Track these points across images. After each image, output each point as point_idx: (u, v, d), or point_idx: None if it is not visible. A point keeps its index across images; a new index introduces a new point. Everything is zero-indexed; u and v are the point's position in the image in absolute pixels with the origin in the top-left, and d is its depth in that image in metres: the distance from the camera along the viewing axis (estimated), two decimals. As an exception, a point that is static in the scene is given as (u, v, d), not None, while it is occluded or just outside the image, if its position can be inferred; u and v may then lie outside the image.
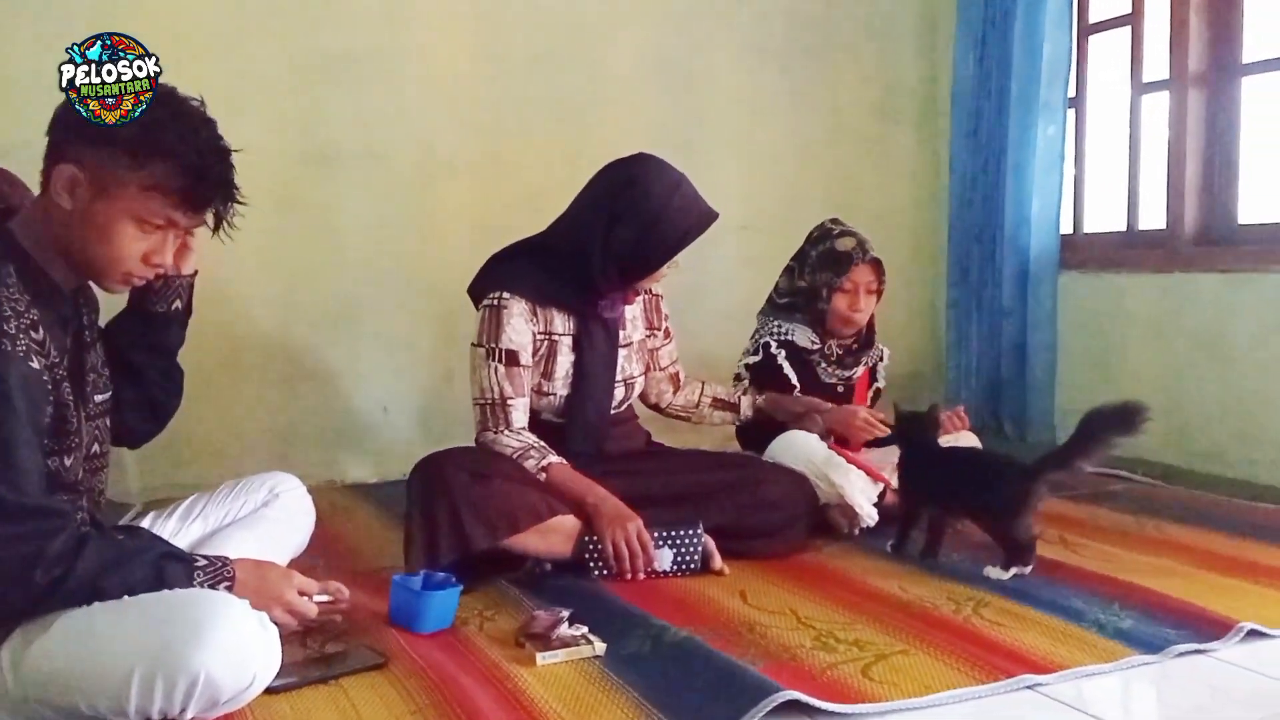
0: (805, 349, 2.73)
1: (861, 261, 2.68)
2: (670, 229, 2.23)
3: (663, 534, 2.18)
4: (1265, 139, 3.11)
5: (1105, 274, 3.42)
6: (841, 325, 2.71)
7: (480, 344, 2.27)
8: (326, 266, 3.21)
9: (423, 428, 3.25)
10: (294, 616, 1.63)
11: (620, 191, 2.24)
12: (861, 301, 2.69)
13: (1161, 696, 1.63)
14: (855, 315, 2.69)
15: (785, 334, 2.75)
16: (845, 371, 2.76)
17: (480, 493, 2.06)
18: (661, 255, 2.25)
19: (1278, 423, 2.92)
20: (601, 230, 2.23)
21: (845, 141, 3.89)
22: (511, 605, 2.00)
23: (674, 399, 2.66)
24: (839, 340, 2.75)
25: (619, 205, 2.23)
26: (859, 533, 2.50)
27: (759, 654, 1.73)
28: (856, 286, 2.68)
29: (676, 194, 2.24)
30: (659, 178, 2.25)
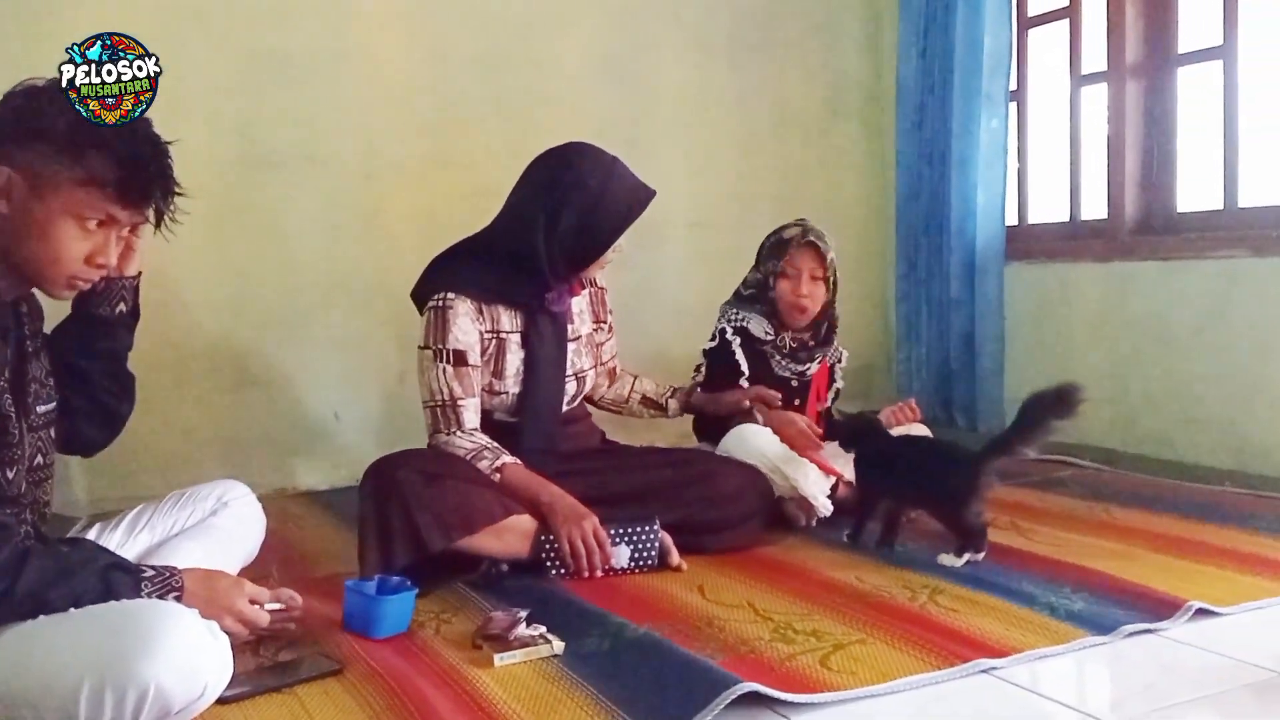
0: (759, 339, 2.75)
1: (799, 245, 2.70)
2: (612, 210, 2.25)
3: (619, 531, 2.18)
4: (1201, 128, 3.18)
5: (1050, 264, 3.47)
6: (792, 311, 2.73)
7: (427, 346, 2.25)
8: (272, 270, 3.17)
9: (375, 432, 3.22)
10: (245, 625, 1.61)
11: (558, 181, 2.24)
12: (804, 286, 2.70)
13: (1113, 676, 1.66)
14: (801, 300, 2.70)
15: (741, 321, 2.77)
16: (799, 366, 2.78)
17: (434, 494, 2.05)
18: (606, 238, 2.26)
19: (1220, 406, 2.98)
20: (544, 222, 2.23)
21: (792, 137, 3.92)
22: (468, 607, 1.99)
23: (605, 392, 2.68)
24: (793, 333, 2.76)
25: (558, 195, 2.23)
26: (815, 525, 2.52)
27: (718, 648, 1.73)
28: (799, 271, 2.70)
29: (614, 176, 2.26)
30: (594, 162, 2.27)
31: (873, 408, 3.01)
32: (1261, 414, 2.88)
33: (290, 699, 1.59)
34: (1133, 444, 3.21)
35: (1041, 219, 3.65)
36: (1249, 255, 2.89)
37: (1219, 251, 2.97)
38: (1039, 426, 2.12)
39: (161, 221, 1.56)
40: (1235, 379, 2.94)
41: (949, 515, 2.21)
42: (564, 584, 2.11)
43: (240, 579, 1.66)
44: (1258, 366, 2.89)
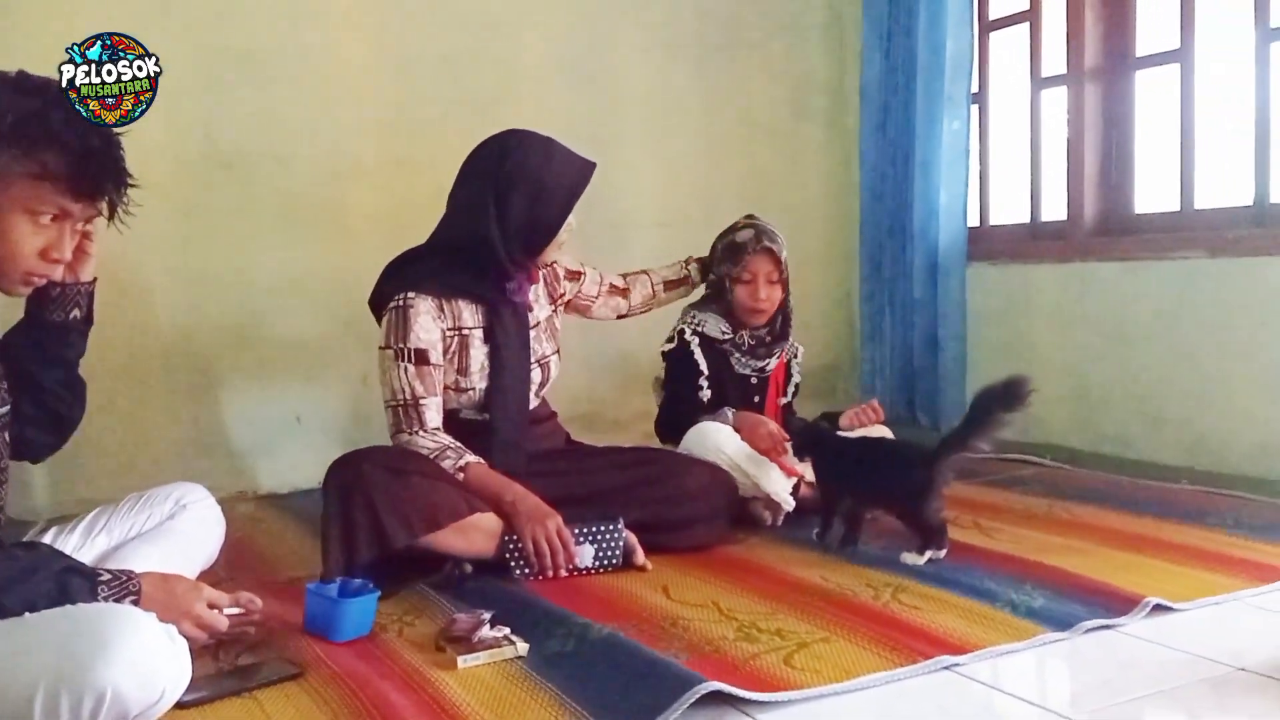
0: (716, 339, 2.76)
1: (755, 251, 2.71)
2: (557, 187, 2.26)
3: (583, 530, 2.18)
4: (1158, 131, 3.23)
5: (1011, 265, 3.51)
6: (748, 315, 2.75)
7: (388, 346, 2.25)
8: (233, 271, 3.14)
9: (338, 434, 3.20)
10: (204, 629, 1.59)
11: (498, 167, 2.25)
12: (762, 290, 2.72)
13: (1072, 672, 1.69)
14: (759, 305, 2.72)
15: (698, 325, 2.78)
16: (759, 362, 2.79)
17: (399, 489, 2.04)
18: (556, 217, 2.28)
19: (1178, 404, 3.03)
20: (492, 210, 2.24)
21: (757, 138, 3.94)
22: (431, 609, 1.98)
23: (633, 302, 2.76)
24: (751, 330, 2.78)
25: (501, 181, 2.24)
26: (780, 524, 2.53)
27: (682, 647, 1.74)
28: (755, 276, 2.72)
29: (553, 154, 2.28)
30: (532, 144, 2.28)
31: (837, 407, 3.04)
32: (1217, 412, 2.93)
33: (250, 703, 1.57)
34: (1092, 442, 3.25)
35: (1003, 220, 3.69)
36: (1205, 256, 2.94)
37: (1176, 252, 3.02)
38: (990, 421, 2.15)
39: (115, 213, 1.55)
40: (1191, 378, 2.99)
41: (908, 513, 2.23)
42: (528, 585, 2.11)
43: (199, 583, 1.65)
44: (1213, 366, 2.94)
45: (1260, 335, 2.82)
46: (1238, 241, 2.87)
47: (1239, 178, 2.96)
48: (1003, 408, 2.13)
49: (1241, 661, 1.64)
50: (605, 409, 3.55)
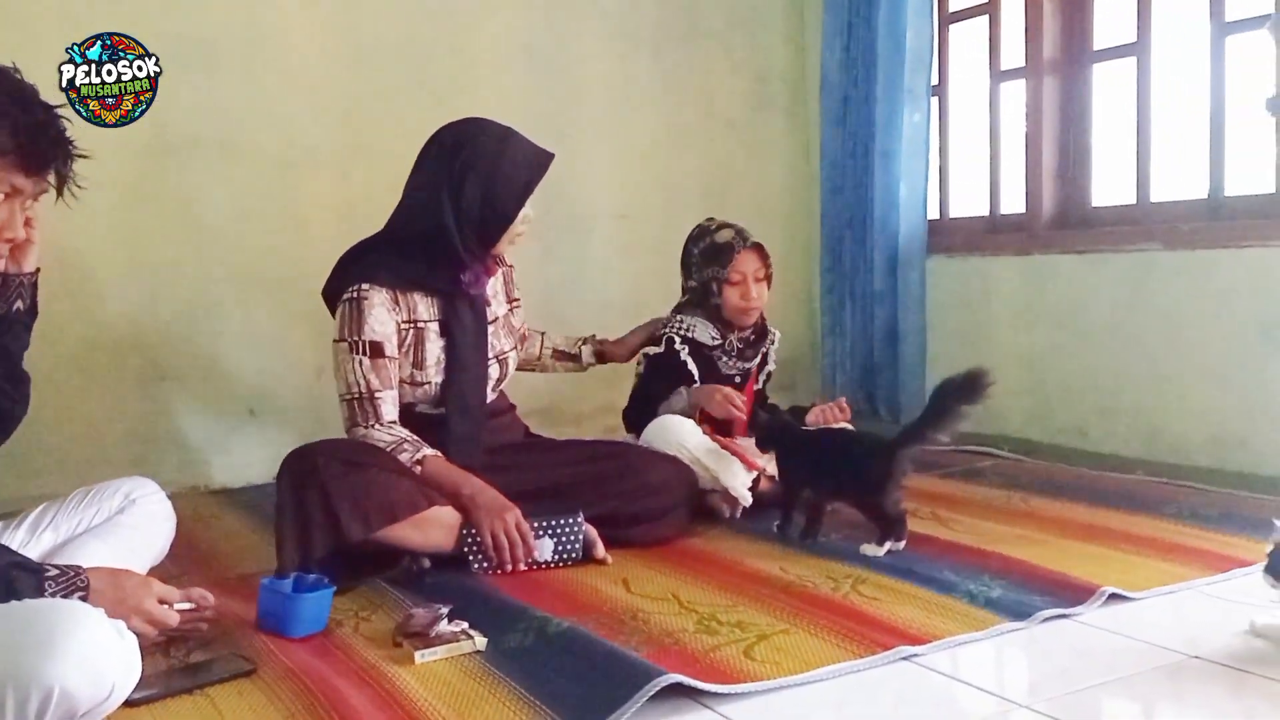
0: (706, 345, 2.76)
1: (743, 249, 2.72)
2: (513, 176, 2.25)
3: (543, 524, 2.17)
4: (1115, 124, 3.27)
5: (971, 257, 3.55)
6: (739, 316, 2.75)
7: (342, 338, 2.23)
8: (184, 261, 3.10)
9: (292, 428, 3.16)
10: (154, 625, 1.58)
11: (453, 157, 2.24)
12: (753, 290, 2.72)
13: (1030, 661, 1.71)
14: (750, 304, 2.72)
15: (687, 330, 2.77)
16: (745, 364, 2.81)
17: (355, 482, 2.03)
18: (512, 207, 2.26)
19: (1133, 396, 3.08)
20: (448, 200, 2.22)
21: (718, 129, 3.94)
22: (388, 604, 1.97)
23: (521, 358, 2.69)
24: (740, 333, 2.78)
25: (456, 170, 2.23)
26: (740, 517, 2.54)
27: (642, 640, 1.74)
28: (744, 276, 2.72)
29: (510, 143, 2.27)
30: (488, 133, 2.28)
31: (799, 402, 3.06)
32: (1172, 404, 2.98)
33: (202, 701, 1.56)
34: (1049, 434, 3.29)
35: (962, 213, 3.72)
36: (1161, 249, 2.98)
37: (1132, 245, 3.06)
38: (949, 412, 2.16)
39: (64, 188, 1.53)
40: (1147, 370, 3.04)
41: (868, 505, 2.25)
42: (486, 579, 2.10)
43: (148, 578, 1.63)
44: (1169, 358, 2.98)
45: (1213, 328, 2.87)
46: (1193, 234, 2.92)
47: (1194, 171, 3.01)
48: (962, 400, 2.15)
49: (1196, 650, 1.66)
50: (565, 402, 3.54)
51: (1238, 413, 2.83)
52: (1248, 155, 2.90)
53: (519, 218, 2.29)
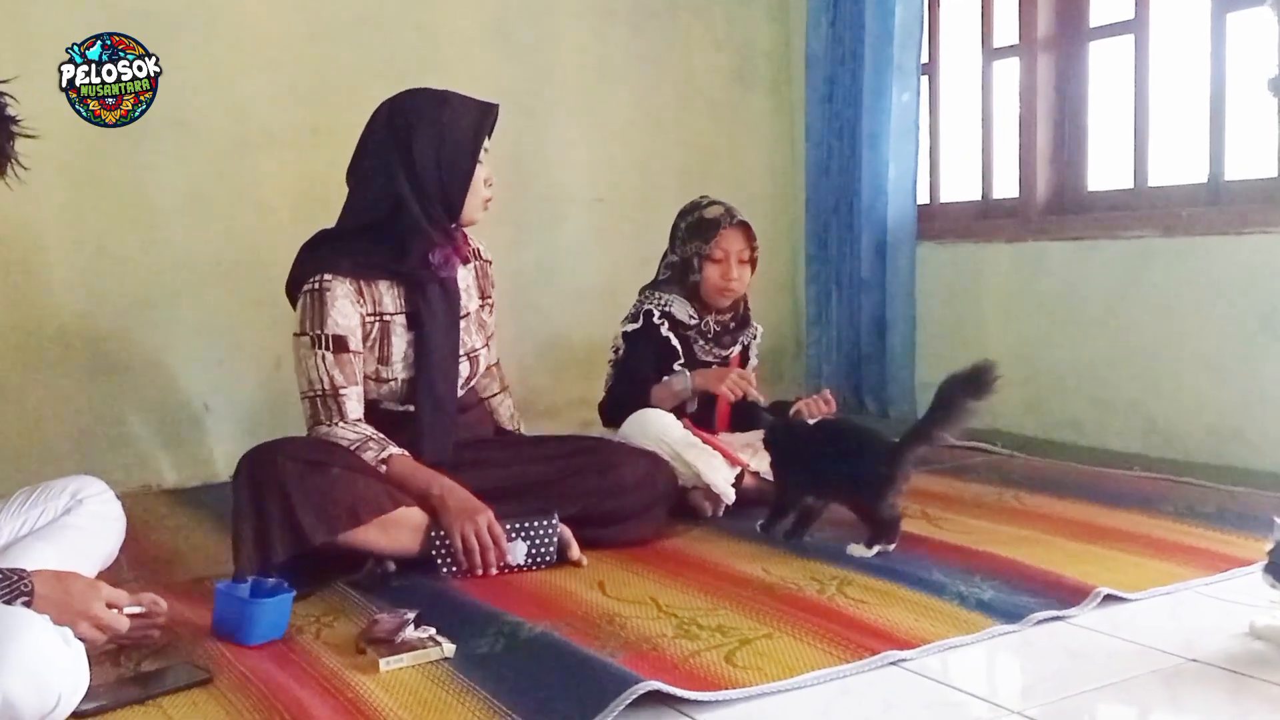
0: (684, 323, 2.77)
1: (729, 226, 2.73)
2: (462, 131, 2.25)
3: (515, 525, 2.17)
4: (1112, 104, 3.29)
5: (962, 244, 3.56)
6: (717, 296, 2.76)
7: (304, 332, 2.21)
8: (135, 246, 3.07)
9: (249, 424, 3.15)
10: (103, 631, 1.57)
11: (394, 128, 2.24)
12: (734, 270, 2.73)
13: (1023, 664, 1.72)
14: (730, 284, 2.74)
15: (665, 305, 2.78)
16: (723, 350, 2.81)
17: (316, 483, 2.02)
18: (467, 158, 2.26)
19: (1129, 389, 3.10)
20: (402, 174, 2.22)
21: (698, 109, 3.94)
22: (351, 610, 1.96)
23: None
24: (717, 315, 2.78)
25: (401, 141, 2.22)
26: (722, 515, 2.55)
27: (619, 646, 1.74)
28: (727, 255, 2.73)
29: (450, 99, 2.28)
30: (425, 95, 2.29)
31: (783, 394, 3.06)
32: (1169, 397, 3.01)
33: (154, 711, 1.55)
34: (1043, 428, 3.32)
35: (953, 198, 3.74)
36: (1158, 235, 3.01)
37: (1129, 231, 3.08)
38: (955, 410, 2.16)
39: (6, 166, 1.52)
40: (1144, 362, 3.06)
41: (864, 507, 2.25)
42: (455, 583, 2.10)
43: (97, 582, 1.62)
44: (1166, 349, 3.01)
45: (1212, 317, 2.90)
46: (1191, 220, 2.94)
47: (1193, 154, 3.03)
48: (969, 395, 2.14)
49: (1193, 652, 1.68)
50: (537, 396, 3.53)
51: (1237, 405, 2.86)
52: (1249, 138, 2.93)
53: (480, 177, 2.29)
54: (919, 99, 3.58)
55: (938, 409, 2.19)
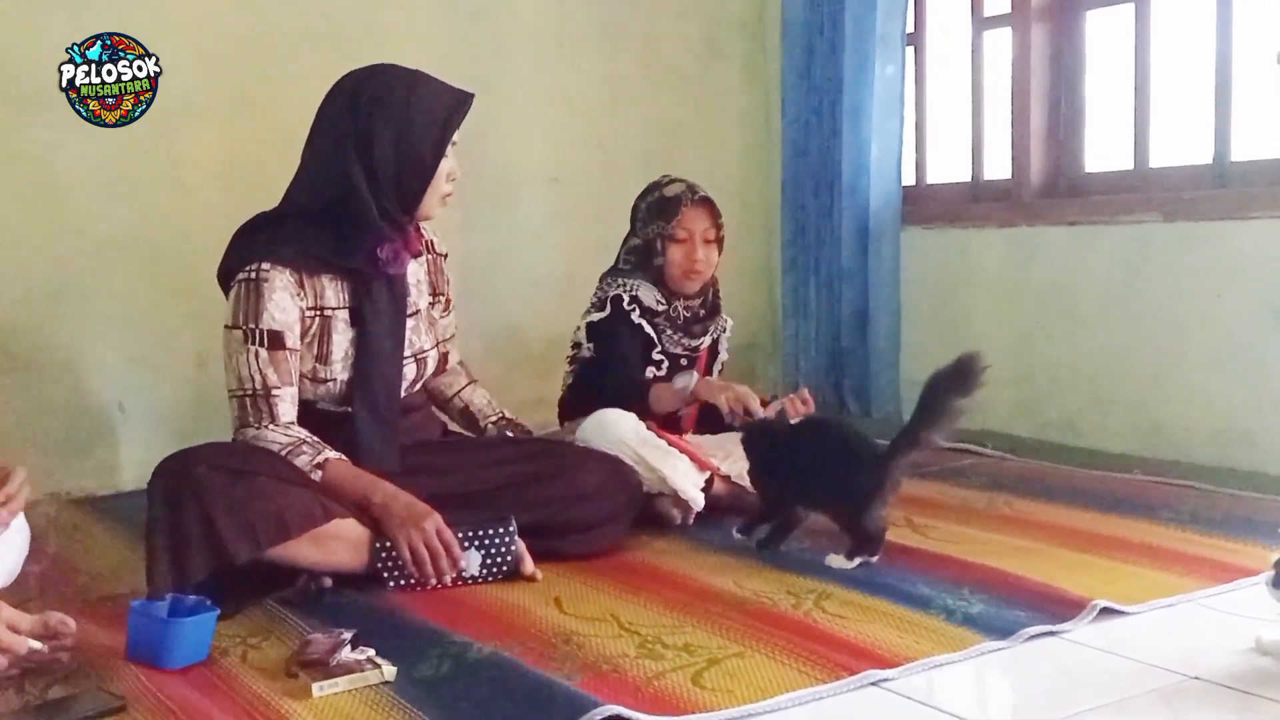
0: (651, 309, 2.77)
1: (691, 203, 2.75)
2: (428, 118, 2.24)
3: (469, 534, 2.16)
4: (1111, 80, 3.32)
5: (950, 229, 3.59)
6: (683, 279, 2.77)
7: (236, 325, 2.19)
8: (40, 231, 3.03)
9: (169, 427, 3.12)
10: (3, 654, 1.54)
11: (356, 106, 2.22)
12: (699, 251, 2.75)
13: (1013, 684, 1.74)
14: (695, 266, 2.75)
15: (632, 289, 2.79)
16: (693, 340, 2.81)
17: (241, 493, 2.00)
18: (431, 151, 2.25)
19: (1129, 387, 3.14)
20: (357, 158, 2.20)
21: (665, 81, 3.94)
22: (282, 630, 1.95)
23: (431, 379, 2.61)
24: (685, 301, 2.79)
25: (361, 120, 2.21)
26: (692, 523, 2.55)
27: (576, 667, 1.74)
28: (691, 234, 2.74)
29: (418, 83, 2.26)
30: (391, 74, 2.27)
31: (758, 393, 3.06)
32: (1172, 395, 3.04)
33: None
34: (1037, 429, 3.35)
35: (941, 179, 3.77)
36: (1160, 220, 3.04)
37: (1129, 216, 3.11)
38: (943, 409, 2.17)
39: None
40: (1145, 357, 3.10)
41: (848, 518, 2.24)
42: (397, 599, 2.09)
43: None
44: (1169, 343, 3.05)
45: (1219, 309, 2.94)
46: (1196, 203, 2.98)
47: (1198, 134, 3.07)
48: (955, 393, 2.15)
49: (1195, 670, 1.70)
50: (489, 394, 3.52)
51: (1246, 405, 2.90)
52: (1257, 115, 2.96)
53: (444, 171, 2.27)
54: (904, 72, 3.60)
55: (923, 410, 2.20)
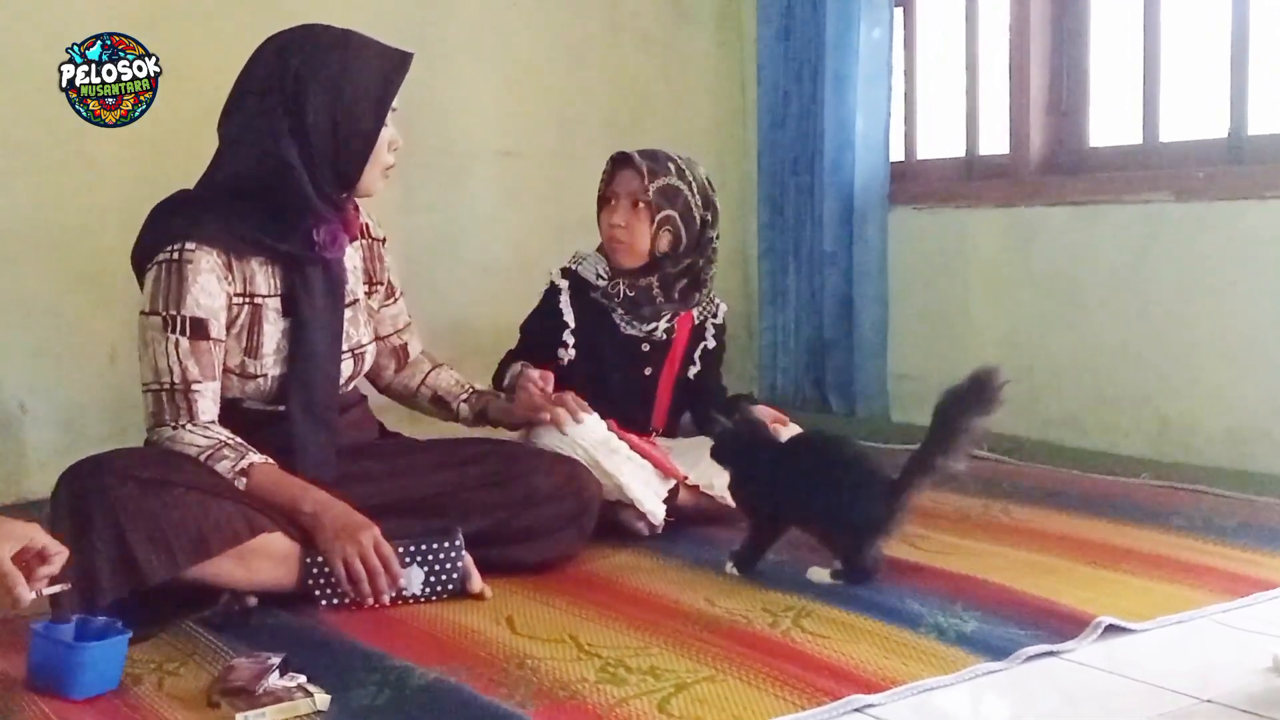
0: (590, 284, 2.77)
1: (618, 162, 2.75)
2: (366, 82, 2.23)
3: (410, 548, 2.16)
4: (1118, 46, 3.34)
5: (942, 210, 3.61)
6: (612, 250, 2.76)
7: (155, 311, 2.17)
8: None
9: (76, 430, 3.10)
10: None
11: (282, 72, 2.21)
12: (620, 214, 2.73)
13: (1011, 708, 1.75)
14: (614, 232, 2.74)
15: (575, 264, 2.79)
16: (646, 326, 2.78)
17: (155, 506, 1.99)
18: (372, 120, 2.24)
19: (1137, 382, 3.16)
20: (288, 129, 2.19)
21: (629, 45, 3.94)
22: (202, 654, 1.93)
23: (394, 377, 2.63)
24: (628, 278, 2.78)
25: (290, 87, 2.19)
26: (658, 534, 2.55)
27: (529, 694, 1.74)
28: (616, 196, 2.74)
29: (351, 44, 2.25)
30: (321, 34, 2.26)
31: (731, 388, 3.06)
32: (1184, 391, 3.07)
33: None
34: (1037, 429, 3.37)
35: (932, 154, 3.78)
36: (1171, 200, 3.07)
37: (1137, 195, 3.14)
38: (960, 431, 2.16)
39: None
40: (1155, 350, 3.12)
41: (849, 550, 2.22)
42: (331, 619, 2.08)
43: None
44: (1179, 334, 3.07)
45: (1234, 297, 2.97)
46: (1210, 181, 3.01)
47: (1212, 105, 3.09)
48: (972, 412, 2.15)
49: (1209, 692, 1.71)
50: (434, 391, 3.51)
51: (1262, 401, 2.93)
52: (1277, 86, 2.99)
53: (385, 140, 2.27)
54: (892, 35, 3.61)
55: (937, 433, 2.19)
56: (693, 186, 2.77)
